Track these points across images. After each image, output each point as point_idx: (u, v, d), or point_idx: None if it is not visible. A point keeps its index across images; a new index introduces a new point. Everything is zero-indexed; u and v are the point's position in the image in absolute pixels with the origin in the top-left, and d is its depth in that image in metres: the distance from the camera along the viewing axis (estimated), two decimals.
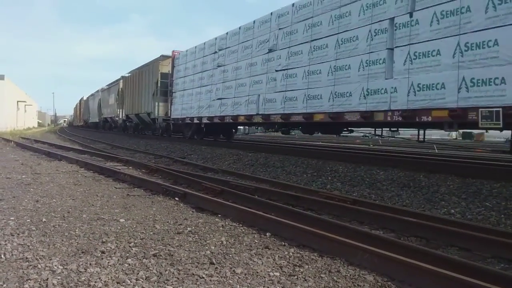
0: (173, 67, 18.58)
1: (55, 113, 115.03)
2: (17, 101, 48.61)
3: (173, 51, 18.71)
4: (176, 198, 5.86)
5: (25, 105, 53.44)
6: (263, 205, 5.37)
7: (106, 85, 37.13)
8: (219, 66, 14.09)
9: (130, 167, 9.76)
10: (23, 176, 7.70)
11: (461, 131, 28.00)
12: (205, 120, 15.15)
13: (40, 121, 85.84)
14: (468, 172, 7.41)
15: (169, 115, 19.13)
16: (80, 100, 57.67)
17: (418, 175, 7.42)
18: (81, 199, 5.70)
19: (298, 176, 8.52)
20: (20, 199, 5.55)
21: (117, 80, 31.23)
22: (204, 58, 15.43)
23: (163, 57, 20.65)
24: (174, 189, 6.17)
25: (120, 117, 29.37)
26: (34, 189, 6.36)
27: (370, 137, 27.41)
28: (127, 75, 28.26)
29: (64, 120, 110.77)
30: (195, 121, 16.03)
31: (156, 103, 20.15)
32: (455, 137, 29.22)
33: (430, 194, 6.37)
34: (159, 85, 20.05)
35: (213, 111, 14.34)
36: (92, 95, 44.86)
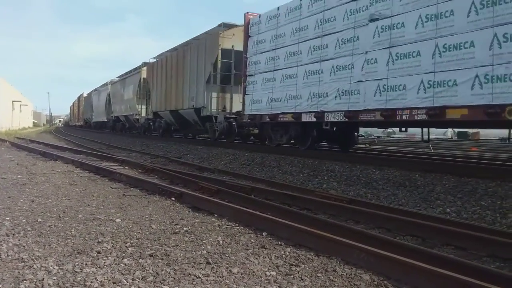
0: (247, 38, 12.37)
1: (51, 113, 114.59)
2: (12, 101, 48.53)
3: (246, 13, 12.43)
4: (172, 198, 5.85)
5: (20, 105, 53.34)
6: (259, 204, 5.37)
7: (117, 77, 30.55)
8: (373, 20, 8.37)
9: (126, 167, 9.74)
10: (19, 176, 7.67)
11: (456, 130, 28.10)
12: (331, 118, 9.37)
13: (35, 121, 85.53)
14: (463, 171, 7.43)
15: (229, 110, 14.38)
16: (79, 97, 50.52)
17: (413, 175, 7.43)
18: (76, 199, 5.68)
19: (294, 176, 8.53)
20: (15, 199, 5.52)
21: (137, 68, 24.81)
22: (326, 12, 9.52)
23: (226, 26, 14.55)
24: (170, 189, 6.16)
25: (143, 115, 23.33)
26: (29, 189, 6.33)
27: (366, 136, 27.51)
28: (152, 60, 22.25)
29: (60, 120, 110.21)
30: (305, 119, 10.14)
31: (215, 94, 14.55)
32: (450, 137, 29.34)
33: (425, 193, 6.39)
34: (219, 66, 14.31)
35: (359, 101, 8.67)
36: (96, 90, 37.69)
